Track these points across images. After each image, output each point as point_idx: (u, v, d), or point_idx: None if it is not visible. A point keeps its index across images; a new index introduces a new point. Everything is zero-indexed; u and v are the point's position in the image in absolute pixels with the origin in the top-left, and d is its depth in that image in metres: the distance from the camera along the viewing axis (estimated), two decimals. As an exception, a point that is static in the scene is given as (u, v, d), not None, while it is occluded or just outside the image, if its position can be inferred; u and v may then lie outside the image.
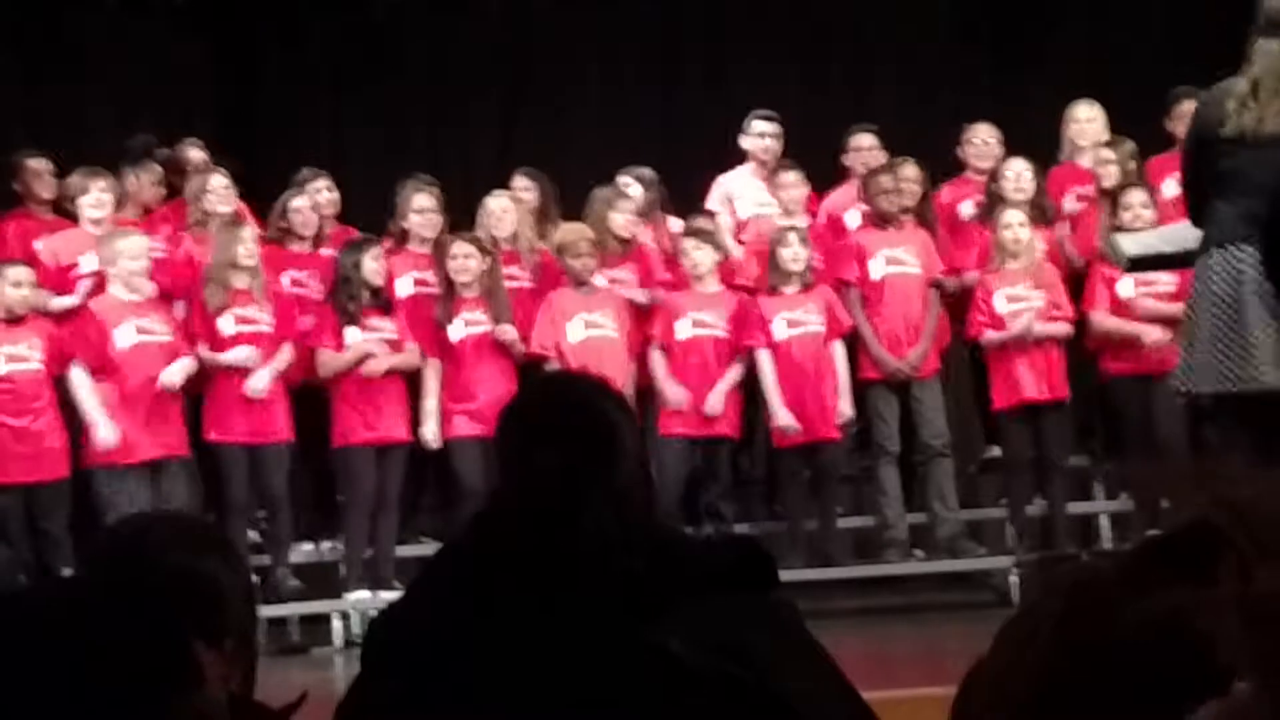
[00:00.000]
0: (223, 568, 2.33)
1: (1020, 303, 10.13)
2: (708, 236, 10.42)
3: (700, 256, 10.26)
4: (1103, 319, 10.12)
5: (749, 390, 10.35)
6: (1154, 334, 9.91)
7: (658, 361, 10.23)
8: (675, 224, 10.85)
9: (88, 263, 9.96)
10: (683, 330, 10.23)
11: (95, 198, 10.12)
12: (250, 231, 9.95)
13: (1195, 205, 6.64)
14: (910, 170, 10.54)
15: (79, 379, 9.57)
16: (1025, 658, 1.43)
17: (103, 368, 9.57)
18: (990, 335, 10.19)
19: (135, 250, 9.67)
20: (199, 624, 2.30)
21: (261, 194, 10.56)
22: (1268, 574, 1.33)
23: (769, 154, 10.94)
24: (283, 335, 9.94)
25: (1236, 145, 6.33)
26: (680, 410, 10.13)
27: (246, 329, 9.83)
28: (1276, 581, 1.33)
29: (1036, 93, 11.98)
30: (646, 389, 10.29)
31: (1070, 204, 10.60)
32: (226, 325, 9.81)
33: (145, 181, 10.61)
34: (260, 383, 9.77)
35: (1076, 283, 10.35)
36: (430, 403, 10.05)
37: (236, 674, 2.55)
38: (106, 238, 9.79)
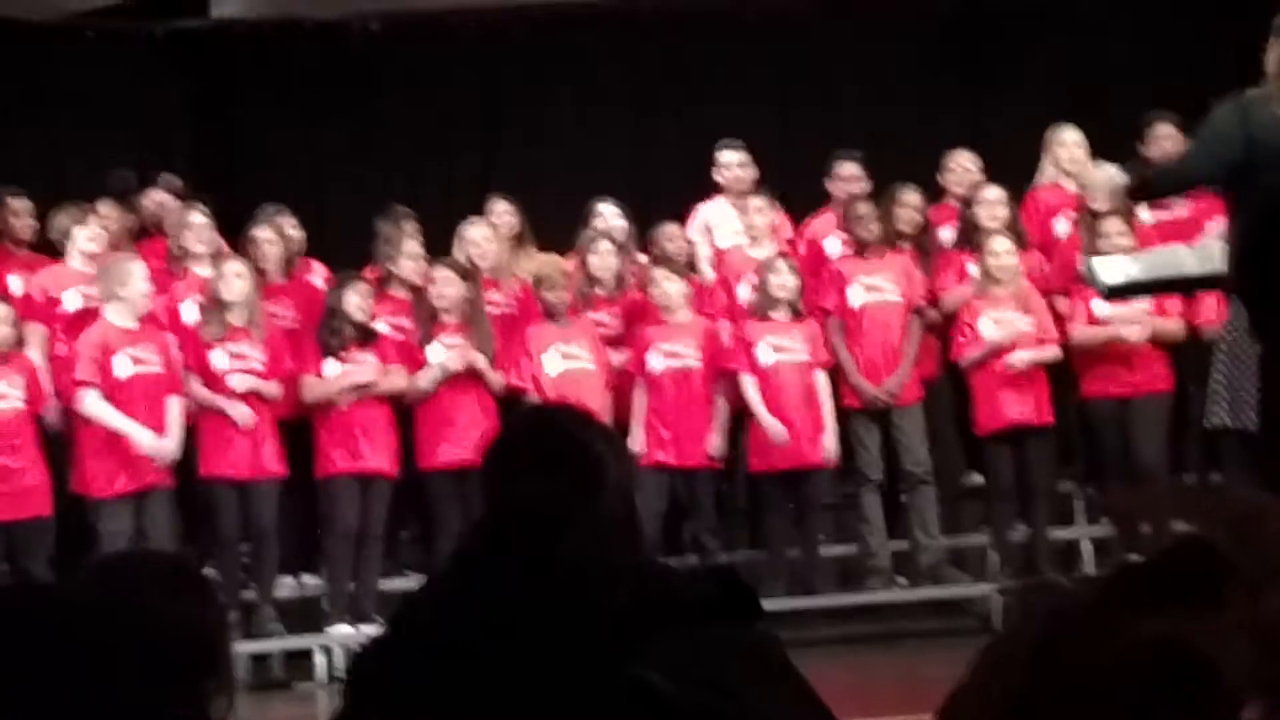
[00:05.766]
0: (199, 604, 2.33)
1: (1007, 327, 10.12)
2: (676, 267, 10.39)
3: (670, 288, 10.23)
4: (1081, 330, 10.10)
5: (730, 419, 10.33)
6: (1133, 330, 9.91)
7: (637, 398, 10.21)
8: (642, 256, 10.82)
9: (72, 299, 9.93)
10: (654, 362, 10.20)
11: (92, 231, 10.07)
12: (240, 266, 9.91)
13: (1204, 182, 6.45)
14: (911, 196, 10.52)
15: (94, 404, 9.51)
16: (1001, 685, 1.42)
17: (108, 395, 9.52)
18: (972, 353, 10.16)
19: (139, 276, 9.61)
20: (178, 663, 2.29)
21: (239, 230, 10.53)
22: (1277, 595, 1.32)
23: (740, 183, 10.92)
24: (273, 374, 9.91)
25: None
26: (659, 441, 10.12)
27: (238, 364, 9.82)
28: None
29: (1007, 119, 12.00)
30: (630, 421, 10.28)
31: (1064, 228, 10.55)
32: (219, 360, 9.80)
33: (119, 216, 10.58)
34: (247, 412, 9.74)
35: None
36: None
37: (217, 711, 2.54)
38: (110, 264, 9.71)
